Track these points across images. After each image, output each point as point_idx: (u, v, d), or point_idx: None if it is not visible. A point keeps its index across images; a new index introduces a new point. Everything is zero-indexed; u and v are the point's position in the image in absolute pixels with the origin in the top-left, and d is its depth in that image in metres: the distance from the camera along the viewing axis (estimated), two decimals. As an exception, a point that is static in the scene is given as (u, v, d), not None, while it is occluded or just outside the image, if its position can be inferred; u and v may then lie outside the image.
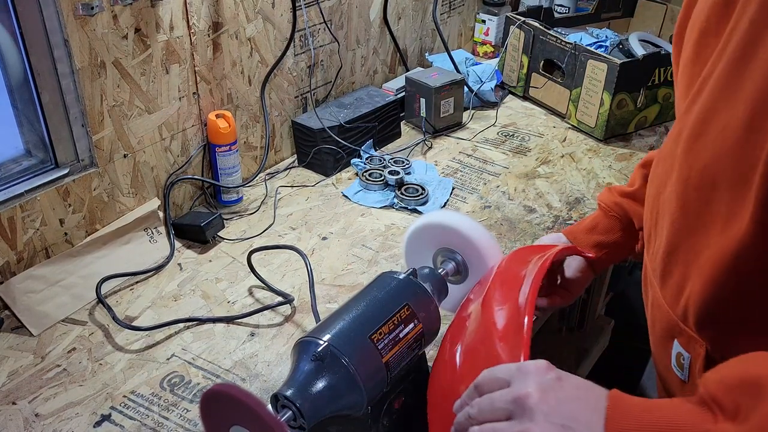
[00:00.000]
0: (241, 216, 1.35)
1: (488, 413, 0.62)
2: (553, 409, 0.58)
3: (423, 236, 0.96)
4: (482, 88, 1.77)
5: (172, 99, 1.24)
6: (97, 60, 1.09)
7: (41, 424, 0.91)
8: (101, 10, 1.06)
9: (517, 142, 1.64)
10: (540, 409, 0.58)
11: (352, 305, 0.80)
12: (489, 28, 2.04)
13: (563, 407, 0.58)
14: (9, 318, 1.07)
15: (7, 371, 0.99)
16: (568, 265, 1.01)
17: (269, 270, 1.20)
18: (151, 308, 1.11)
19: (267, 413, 0.63)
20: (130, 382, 0.98)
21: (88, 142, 1.12)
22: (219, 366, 1.00)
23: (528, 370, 0.62)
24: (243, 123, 1.41)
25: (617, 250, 1.01)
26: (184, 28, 1.21)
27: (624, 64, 1.53)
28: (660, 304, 0.73)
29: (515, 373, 0.62)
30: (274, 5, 1.37)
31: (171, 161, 1.29)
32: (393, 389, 0.81)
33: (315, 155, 1.48)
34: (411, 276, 0.86)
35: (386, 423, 0.81)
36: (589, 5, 2.00)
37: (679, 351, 0.69)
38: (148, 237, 1.24)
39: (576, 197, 1.42)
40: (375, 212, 1.37)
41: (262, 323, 1.09)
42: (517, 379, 0.61)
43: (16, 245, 1.08)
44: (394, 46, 1.77)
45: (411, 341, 0.80)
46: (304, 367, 0.73)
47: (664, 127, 1.71)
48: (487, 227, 1.26)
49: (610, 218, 1.01)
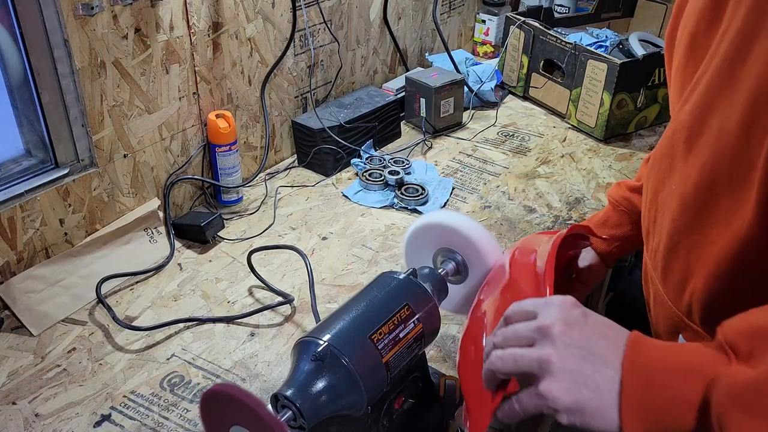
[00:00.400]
0: (241, 216, 1.35)
1: (513, 340, 0.63)
2: (575, 340, 0.59)
3: (423, 236, 0.96)
4: (482, 88, 1.77)
5: (172, 99, 1.24)
6: (97, 60, 1.09)
7: (41, 424, 0.91)
8: (101, 10, 1.06)
9: (517, 142, 1.64)
10: (562, 338, 0.59)
11: (352, 305, 0.80)
12: (489, 28, 2.04)
13: (585, 340, 0.59)
14: (9, 318, 1.07)
15: (7, 371, 0.99)
16: (582, 259, 1.03)
17: (269, 270, 1.20)
18: (151, 308, 1.11)
19: (267, 413, 0.63)
20: (130, 382, 0.98)
21: (88, 142, 1.13)
22: (219, 366, 1.00)
23: (554, 303, 0.63)
24: (243, 123, 1.41)
25: (628, 242, 1.03)
26: (184, 28, 1.21)
27: (624, 64, 1.53)
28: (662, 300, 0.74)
29: (542, 306, 0.64)
30: (274, 5, 1.37)
31: (171, 161, 1.29)
32: (393, 389, 0.81)
33: (315, 155, 1.48)
34: (411, 276, 0.86)
35: (386, 423, 0.81)
36: (589, 5, 2.00)
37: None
38: (148, 237, 1.24)
39: (576, 197, 1.42)
40: (375, 212, 1.37)
41: (262, 323, 1.09)
42: (544, 310, 0.63)
43: (16, 245, 1.08)
44: (394, 46, 1.77)
45: (411, 341, 0.80)
46: (304, 367, 0.73)
47: (664, 127, 1.71)
48: (487, 227, 1.26)
49: (620, 212, 1.03)
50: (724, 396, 0.51)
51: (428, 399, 0.88)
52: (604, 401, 0.56)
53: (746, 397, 0.50)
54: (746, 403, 0.50)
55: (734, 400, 0.51)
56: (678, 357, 0.56)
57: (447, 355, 1.03)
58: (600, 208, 1.38)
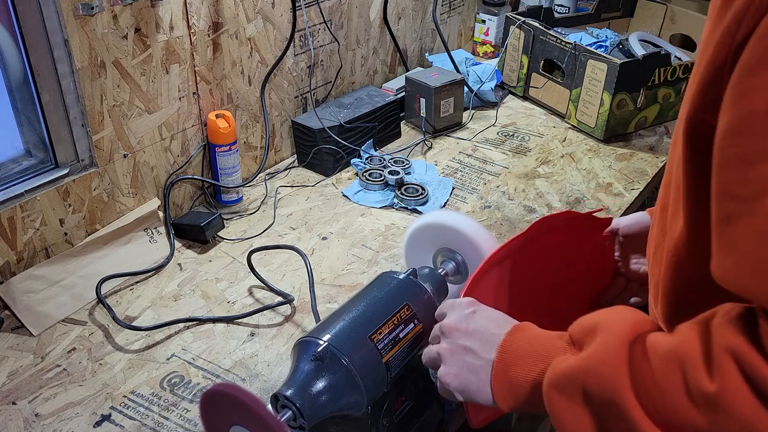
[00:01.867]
0: (241, 216, 1.35)
1: (433, 339, 0.78)
2: (462, 335, 0.73)
3: (423, 236, 0.96)
4: (482, 88, 1.77)
5: (172, 99, 1.24)
6: (97, 60, 1.09)
7: (41, 424, 0.91)
8: (101, 10, 1.06)
9: (517, 142, 1.64)
10: (452, 335, 0.74)
11: (352, 305, 0.80)
12: (489, 28, 2.04)
13: (470, 335, 0.72)
14: (9, 318, 1.07)
15: (7, 371, 0.99)
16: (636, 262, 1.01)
17: (269, 270, 1.20)
18: (151, 308, 1.11)
19: (267, 413, 0.63)
20: (130, 382, 0.98)
21: (88, 142, 1.13)
22: (219, 366, 1.00)
23: (453, 306, 0.76)
24: (243, 123, 1.41)
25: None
26: (184, 28, 1.21)
27: (624, 64, 1.53)
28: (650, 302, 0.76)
29: (447, 308, 0.77)
30: (274, 5, 1.37)
31: (171, 161, 1.29)
32: (393, 389, 0.81)
33: (315, 155, 1.48)
34: (411, 276, 0.86)
35: (386, 423, 0.81)
36: (589, 5, 2.00)
37: None
38: (148, 237, 1.24)
39: (576, 197, 1.42)
40: (375, 212, 1.37)
41: (262, 323, 1.09)
42: (448, 312, 0.77)
43: (16, 245, 1.08)
44: (394, 46, 1.77)
45: (411, 341, 0.80)
46: (304, 367, 0.74)
47: (664, 127, 1.71)
48: (487, 227, 1.26)
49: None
50: (547, 379, 0.62)
51: (428, 399, 0.88)
52: (482, 382, 0.70)
53: (561, 381, 0.60)
54: (561, 386, 0.60)
55: (553, 383, 0.61)
56: (536, 344, 0.66)
57: (447, 355, 1.02)
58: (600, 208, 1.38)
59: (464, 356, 0.72)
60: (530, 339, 0.68)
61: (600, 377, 0.57)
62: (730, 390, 0.49)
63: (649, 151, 1.60)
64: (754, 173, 0.51)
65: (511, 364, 0.67)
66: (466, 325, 0.73)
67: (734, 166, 0.53)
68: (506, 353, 0.68)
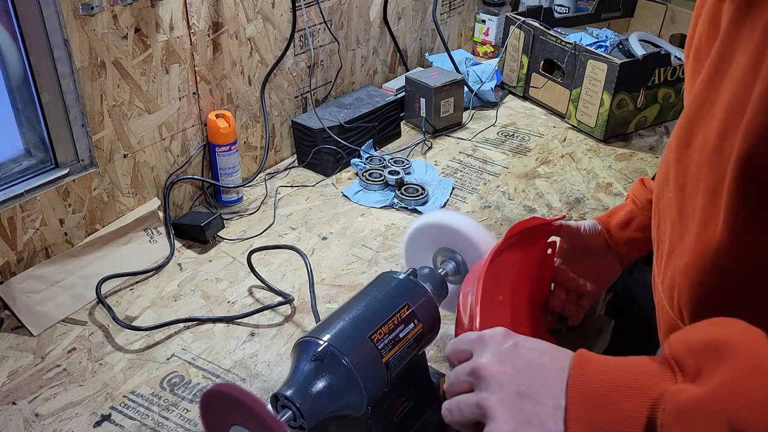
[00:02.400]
0: (241, 216, 1.35)
1: (456, 386, 0.63)
2: (510, 377, 0.59)
3: (423, 236, 0.96)
4: (482, 88, 1.77)
5: (172, 99, 1.24)
6: (97, 60, 1.09)
7: (41, 424, 0.91)
8: (101, 10, 1.06)
9: (517, 142, 1.64)
10: (496, 378, 0.59)
11: (352, 305, 0.80)
12: (489, 28, 2.04)
13: (519, 375, 0.58)
14: (9, 318, 1.07)
15: (7, 371, 0.99)
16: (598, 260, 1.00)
17: (269, 270, 1.20)
18: (151, 308, 1.11)
19: (267, 413, 0.63)
20: (130, 382, 0.98)
21: (88, 142, 1.13)
22: (219, 366, 1.00)
23: (484, 340, 0.63)
24: (243, 123, 1.41)
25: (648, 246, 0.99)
26: (184, 28, 1.21)
27: (624, 64, 1.53)
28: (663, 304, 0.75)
29: (475, 344, 0.63)
30: (274, 5, 1.37)
31: (171, 161, 1.29)
32: (393, 389, 0.81)
33: (315, 155, 1.48)
34: (411, 276, 0.86)
35: (386, 423, 0.81)
36: (589, 5, 2.00)
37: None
38: (148, 237, 1.24)
39: (576, 197, 1.42)
40: (375, 212, 1.37)
41: (262, 323, 1.09)
42: (477, 349, 0.63)
43: (16, 245, 1.08)
44: (394, 46, 1.77)
45: (411, 341, 0.80)
46: (304, 367, 0.74)
47: (664, 127, 1.71)
48: (487, 227, 1.26)
49: (646, 216, 0.98)
50: (668, 416, 0.50)
51: (428, 399, 0.88)
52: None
53: (690, 417, 0.49)
54: (690, 423, 0.49)
55: (678, 420, 0.50)
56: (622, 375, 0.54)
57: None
58: (600, 208, 1.38)
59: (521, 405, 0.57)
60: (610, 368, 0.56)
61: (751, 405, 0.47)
62: None
63: (649, 151, 1.60)
64: None
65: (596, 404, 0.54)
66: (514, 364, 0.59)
67: None
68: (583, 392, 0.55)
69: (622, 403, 0.52)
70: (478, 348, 0.63)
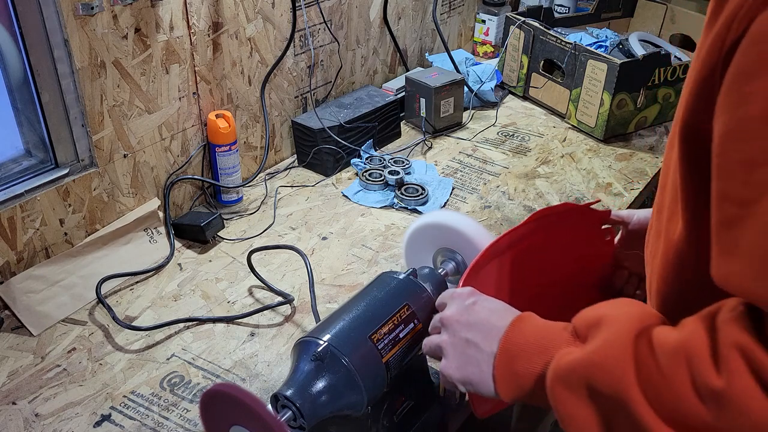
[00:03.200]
0: (241, 216, 1.35)
1: (432, 329, 0.78)
2: (463, 327, 0.72)
3: (423, 236, 0.96)
4: (482, 88, 1.77)
5: (172, 99, 1.24)
6: (97, 60, 1.09)
7: (41, 424, 0.91)
8: (101, 10, 1.06)
9: (517, 142, 1.64)
10: (453, 327, 0.73)
11: (352, 305, 0.80)
12: (489, 28, 2.04)
13: (471, 327, 0.71)
14: (9, 318, 1.07)
15: (7, 371, 0.99)
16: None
17: (269, 270, 1.20)
18: (151, 308, 1.11)
19: (267, 413, 0.63)
20: (130, 382, 0.98)
21: (88, 142, 1.13)
22: (219, 366, 1.00)
23: (454, 297, 0.76)
24: (243, 123, 1.41)
25: None
26: (184, 28, 1.21)
27: (624, 64, 1.53)
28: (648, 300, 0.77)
29: (447, 298, 0.77)
30: (274, 5, 1.37)
31: (171, 161, 1.29)
32: (393, 389, 0.81)
33: (315, 155, 1.48)
34: (411, 276, 0.86)
35: (386, 423, 0.81)
36: (589, 5, 2.00)
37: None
38: (148, 237, 1.24)
39: (576, 197, 1.42)
40: (375, 212, 1.37)
41: (262, 323, 1.09)
42: (449, 302, 0.76)
43: (16, 245, 1.08)
44: (394, 46, 1.77)
45: (411, 341, 0.80)
46: (304, 367, 0.74)
47: (664, 127, 1.71)
48: (487, 227, 1.26)
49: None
50: (551, 372, 0.61)
51: (428, 399, 0.88)
52: (484, 374, 0.69)
53: (566, 374, 0.60)
54: (565, 380, 0.60)
55: (557, 376, 0.61)
56: (539, 336, 0.66)
57: (447, 355, 1.02)
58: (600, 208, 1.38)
59: (466, 349, 0.71)
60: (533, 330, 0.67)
61: (606, 372, 0.57)
62: (739, 386, 0.49)
63: (649, 151, 1.60)
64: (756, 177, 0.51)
65: (515, 356, 0.66)
66: (468, 317, 0.72)
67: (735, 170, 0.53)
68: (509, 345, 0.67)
69: (530, 357, 0.65)
70: (449, 302, 0.76)
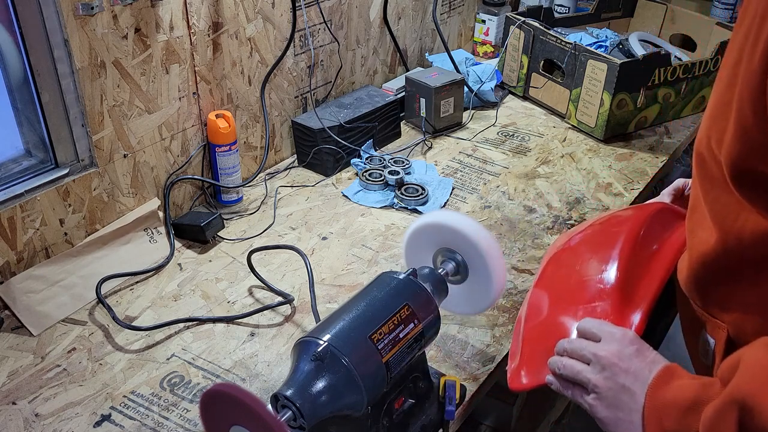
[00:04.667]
0: (241, 216, 1.35)
1: (576, 352, 0.78)
2: (622, 373, 0.72)
3: (423, 236, 0.96)
4: (482, 88, 1.77)
5: (172, 99, 1.24)
6: (97, 60, 1.09)
7: (41, 424, 0.91)
8: (101, 10, 1.06)
9: (517, 142, 1.64)
10: (612, 369, 0.73)
11: (352, 305, 0.80)
12: (489, 28, 2.04)
13: (629, 376, 0.72)
14: (9, 318, 1.07)
15: (7, 371, 0.99)
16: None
17: (269, 270, 1.20)
18: (151, 308, 1.11)
19: (267, 413, 0.63)
20: (130, 382, 0.98)
21: (88, 142, 1.13)
22: (219, 366, 1.00)
23: (616, 337, 0.76)
24: (243, 123, 1.41)
25: None
26: (184, 28, 1.21)
27: (624, 64, 1.53)
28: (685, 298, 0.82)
29: (606, 335, 0.77)
30: (274, 5, 1.37)
31: (171, 161, 1.29)
32: (393, 389, 0.81)
33: (315, 155, 1.48)
34: (411, 276, 0.86)
35: (386, 423, 0.81)
36: (589, 5, 2.00)
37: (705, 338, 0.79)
38: (148, 237, 1.24)
39: (576, 197, 1.42)
40: (375, 212, 1.37)
41: (262, 323, 1.09)
42: (606, 339, 0.76)
43: (16, 245, 1.08)
44: (394, 46, 1.77)
45: (411, 341, 0.80)
46: (304, 367, 0.74)
47: (664, 127, 1.71)
48: (487, 227, 1.26)
49: None
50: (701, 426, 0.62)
51: (428, 399, 0.88)
52: (632, 424, 0.70)
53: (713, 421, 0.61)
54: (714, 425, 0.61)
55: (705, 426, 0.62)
56: (688, 393, 0.66)
57: (447, 355, 1.03)
58: (600, 208, 1.38)
59: (621, 395, 0.72)
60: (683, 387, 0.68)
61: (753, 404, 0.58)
62: None
63: (649, 151, 1.60)
64: None
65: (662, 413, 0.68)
66: (628, 364, 0.73)
67: None
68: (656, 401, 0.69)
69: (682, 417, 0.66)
70: (608, 339, 0.76)
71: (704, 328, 0.79)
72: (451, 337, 1.06)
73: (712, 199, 0.71)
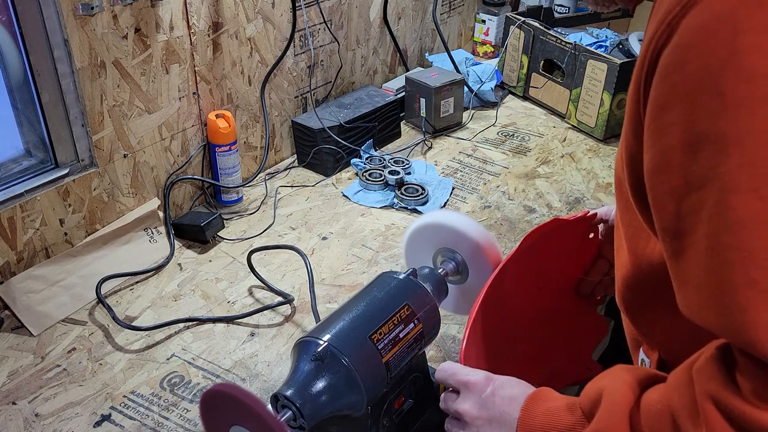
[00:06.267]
0: (241, 216, 1.35)
1: (449, 411, 0.77)
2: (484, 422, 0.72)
3: (423, 236, 0.96)
4: (482, 88, 1.77)
5: (172, 99, 1.24)
6: (97, 60, 1.09)
7: (41, 424, 0.91)
8: (101, 10, 1.06)
9: (517, 142, 1.64)
10: (474, 423, 0.73)
11: (352, 305, 0.80)
12: (489, 28, 2.04)
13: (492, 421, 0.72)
14: (9, 318, 1.07)
15: (7, 371, 0.99)
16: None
17: (269, 270, 1.20)
18: (151, 308, 1.11)
19: (267, 413, 0.63)
20: (130, 382, 0.98)
21: (88, 142, 1.13)
22: (219, 366, 1.00)
23: (468, 386, 0.75)
24: (243, 123, 1.41)
25: None
26: (184, 28, 1.21)
27: (624, 64, 1.53)
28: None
29: (461, 386, 0.76)
30: (274, 5, 1.37)
31: (171, 161, 1.29)
32: (393, 389, 0.81)
33: (315, 155, 1.48)
34: (411, 276, 0.86)
35: (386, 423, 0.81)
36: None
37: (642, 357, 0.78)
38: (148, 237, 1.24)
39: (576, 197, 1.42)
40: (375, 212, 1.37)
41: (262, 323, 1.09)
42: (462, 393, 0.75)
43: (16, 245, 1.08)
44: (394, 46, 1.77)
45: (411, 341, 0.80)
46: (304, 367, 0.73)
47: (664, 127, 1.71)
48: (487, 227, 1.26)
49: None
50: None
51: (428, 399, 0.88)
52: None
53: None
54: None
55: None
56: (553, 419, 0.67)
57: (447, 355, 1.03)
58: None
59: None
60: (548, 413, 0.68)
61: None
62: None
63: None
64: (684, 207, 0.51)
65: None
66: (487, 412, 0.73)
67: (665, 203, 0.53)
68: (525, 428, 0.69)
69: None
70: (464, 391, 0.75)
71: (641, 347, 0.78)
72: (451, 337, 1.06)
73: (627, 223, 0.70)
